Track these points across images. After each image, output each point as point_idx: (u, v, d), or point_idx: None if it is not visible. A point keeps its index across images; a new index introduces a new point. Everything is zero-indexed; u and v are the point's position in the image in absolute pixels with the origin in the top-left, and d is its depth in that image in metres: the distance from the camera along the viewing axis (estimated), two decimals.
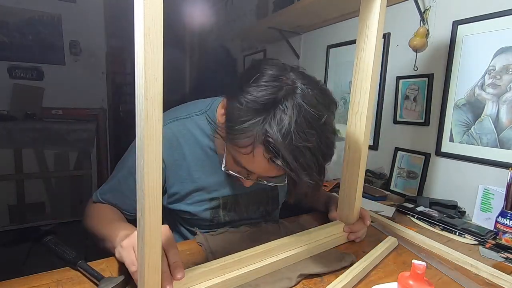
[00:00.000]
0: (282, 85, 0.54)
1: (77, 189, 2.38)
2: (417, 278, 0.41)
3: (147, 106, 0.40)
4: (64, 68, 2.49)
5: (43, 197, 2.28)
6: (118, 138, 2.92)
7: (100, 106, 2.67)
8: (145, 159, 0.41)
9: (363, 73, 0.69)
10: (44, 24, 2.38)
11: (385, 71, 1.37)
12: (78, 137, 2.32)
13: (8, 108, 2.31)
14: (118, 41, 2.74)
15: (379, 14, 0.65)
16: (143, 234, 0.43)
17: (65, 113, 2.50)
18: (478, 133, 1.03)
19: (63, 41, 2.46)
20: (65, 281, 0.54)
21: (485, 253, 0.75)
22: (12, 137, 2.11)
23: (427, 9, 1.18)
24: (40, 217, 2.27)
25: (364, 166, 0.73)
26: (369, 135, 0.73)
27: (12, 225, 2.17)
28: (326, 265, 0.62)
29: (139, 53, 0.39)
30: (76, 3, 2.45)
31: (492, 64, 0.99)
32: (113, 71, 2.83)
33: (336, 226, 0.78)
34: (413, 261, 0.41)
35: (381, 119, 1.40)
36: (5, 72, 2.31)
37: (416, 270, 0.41)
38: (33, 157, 2.21)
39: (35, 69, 2.40)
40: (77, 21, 2.47)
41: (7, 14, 2.26)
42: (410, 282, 0.41)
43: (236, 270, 0.56)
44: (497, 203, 0.92)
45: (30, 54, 2.37)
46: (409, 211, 0.99)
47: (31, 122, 2.28)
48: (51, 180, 2.30)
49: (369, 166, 1.40)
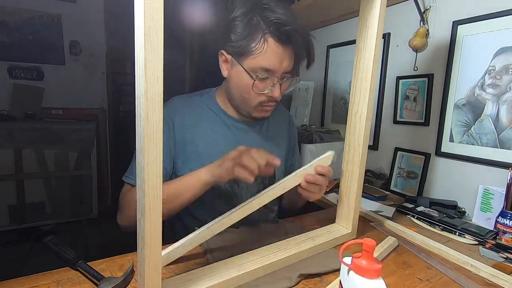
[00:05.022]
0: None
1: (77, 189, 2.38)
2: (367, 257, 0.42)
3: (147, 106, 0.40)
4: (64, 68, 2.49)
5: (43, 197, 2.28)
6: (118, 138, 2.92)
7: (100, 106, 2.67)
8: (145, 159, 0.41)
9: (363, 73, 0.69)
10: (44, 24, 2.38)
11: (385, 71, 1.37)
12: (78, 137, 2.31)
13: (8, 108, 2.31)
14: (118, 41, 2.73)
15: (379, 14, 0.65)
16: (143, 234, 0.43)
17: (65, 113, 2.50)
18: (478, 133, 1.03)
19: (63, 41, 2.46)
20: (65, 281, 0.54)
21: (485, 253, 0.75)
22: (12, 137, 2.11)
23: (427, 9, 1.18)
24: (40, 217, 2.26)
25: (364, 166, 0.73)
26: (369, 135, 0.73)
27: (12, 225, 2.17)
28: (326, 265, 0.62)
29: (139, 53, 0.39)
30: (76, 3, 2.45)
31: (492, 64, 0.99)
32: (113, 71, 2.82)
33: (336, 226, 0.78)
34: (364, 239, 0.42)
35: (381, 119, 1.40)
36: (5, 72, 2.31)
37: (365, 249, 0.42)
38: (33, 157, 2.21)
39: (35, 69, 2.40)
40: (77, 21, 2.47)
41: (7, 14, 2.26)
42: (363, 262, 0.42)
43: (236, 270, 0.56)
44: (497, 203, 0.92)
45: (30, 54, 2.36)
46: (409, 211, 0.99)
47: (31, 122, 2.27)
48: (51, 180, 2.30)
49: (369, 166, 1.40)
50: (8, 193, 2.15)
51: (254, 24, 0.69)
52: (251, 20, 0.69)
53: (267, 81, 0.73)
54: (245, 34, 0.69)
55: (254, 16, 0.69)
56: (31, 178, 2.22)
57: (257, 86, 0.73)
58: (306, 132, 1.47)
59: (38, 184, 2.26)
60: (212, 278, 0.53)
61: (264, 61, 0.70)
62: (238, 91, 0.77)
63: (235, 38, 0.71)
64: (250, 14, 0.69)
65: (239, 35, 0.70)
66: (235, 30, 0.71)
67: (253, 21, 0.69)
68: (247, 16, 0.69)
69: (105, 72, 2.67)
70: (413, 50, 1.23)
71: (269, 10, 0.69)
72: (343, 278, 0.45)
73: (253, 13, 0.69)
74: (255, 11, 0.69)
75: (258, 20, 0.69)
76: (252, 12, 0.70)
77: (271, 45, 0.69)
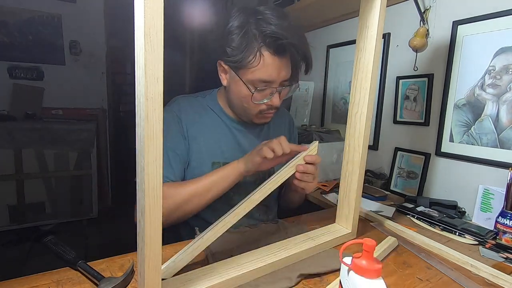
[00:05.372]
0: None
1: (77, 189, 2.38)
2: (367, 257, 0.42)
3: (147, 106, 0.40)
4: (64, 68, 2.49)
5: (43, 197, 2.28)
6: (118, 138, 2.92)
7: (100, 106, 2.67)
8: (145, 159, 0.41)
9: (363, 73, 0.69)
10: (44, 24, 2.38)
11: (385, 71, 1.37)
12: (78, 137, 2.31)
13: (8, 108, 2.31)
14: (118, 41, 2.73)
15: (379, 14, 0.65)
16: (143, 234, 0.43)
17: (65, 113, 2.50)
18: (478, 133, 1.03)
19: (63, 41, 2.46)
20: (65, 281, 0.54)
21: (485, 253, 0.75)
22: (12, 137, 2.11)
23: (427, 9, 1.18)
24: (40, 217, 2.26)
25: (364, 166, 0.73)
26: (369, 135, 0.73)
27: (12, 225, 2.17)
28: (326, 265, 0.62)
29: (139, 53, 0.39)
30: (76, 3, 2.45)
31: (492, 64, 0.99)
32: (113, 71, 2.83)
33: (336, 226, 0.78)
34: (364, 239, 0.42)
35: (381, 119, 1.40)
36: (5, 72, 2.31)
37: (365, 249, 0.42)
38: (33, 157, 2.21)
39: (35, 69, 2.40)
40: (77, 21, 2.47)
41: (7, 14, 2.26)
42: (363, 262, 0.42)
43: (236, 270, 0.56)
44: (497, 203, 0.92)
45: (30, 54, 2.36)
46: (409, 211, 0.99)
47: (31, 122, 2.27)
48: (51, 180, 2.29)
49: (369, 166, 1.40)
50: (8, 193, 2.15)
51: (249, 38, 0.69)
52: (246, 33, 0.69)
53: (266, 91, 0.74)
54: (241, 48, 0.70)
55: (249, 29, 0.69)
56: (31, 178, 2.22)
57: (255, 97, 0.74)
58: (306, 132, 1.47)
59: (38, 184, 2.26)
60: (212, 278, 0.53)
61: (262, 73, 0.71)
62: (238, 101, 0.79)
63: (231, 53, 0.71)
64: (245, 26, 0.70)
65: (235, 50, 0.71)
66: (231, 44, 0.71)
67: (248, 34, 0.69)
68: (242, 29, 0.70)
69: (105, 72, 2.67)
70: (413, 50, 1.23)
71: (264, 21, 0.69)
72: (343, 278, 0.45)
73: (248, 25, 0.70)
74: (250, 24, 0.70)
75: (253, 34, 0.69)
76: (247, 25, 0.70)
77: (267, 58, 0.70)
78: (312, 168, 0.71)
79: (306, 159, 0.70)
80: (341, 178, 0.77)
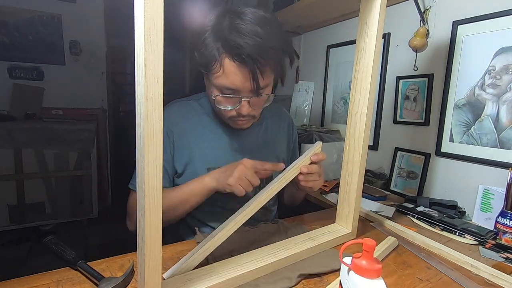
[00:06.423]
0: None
1: (77, 189, 2.38)
2: (367, 257, 0.42)
3: (147, 106, 0.40)
4: (64, 68, 2.49)
5: (43, 197, 2.28)
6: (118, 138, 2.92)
7: (100, 106, 2.67)
8: (145, 159, 0.41)
9: (363, 74, 0.69)
10: (44, 24, 2.38)
11: (385, 71, 1.37)
12: (78, 137, 2.31)
13: (8, 108, 2.31)
14: (118, 41, 2.74)
15: (379, 14, 0.65)
16: (143, 234, 0.43)
17: (65, 113, 2.50)
18: (478, 133, 1.03)
19: (63, 41, 2.46)
20: (65, 281, 0.54)
21: (485, 253, 0.75)
22: (12, 137, 2.11)
23: (427, 9, 1.18)
24: (40, 217, 2.26)
25: (364, 166, 0.73)
26: (369, 135, 0.73)
27: (12, 225, 2.17)
28: (326, 265, 0.62)
29: (139, 53, 0.39)
30: (76, 3, 2.45)
31: (492, 64, 0.99)
32: (113, 71, 2.83)
33: (336, 226, 0.78)
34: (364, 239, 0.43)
35: (381, 119, 1.40)
36: (5, 72, 2.31)
37: (365, 249, 0.42)
38: (33, 157, 2.21)
39: (35, 69, 2.40)
40: (77, 21, 2.47)
41: (7, 14, 2.26)
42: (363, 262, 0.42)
43: (236, 270, 0.56)
44: (497, 203, 0.92)
45: (30, 54, 2.36)
46: (409, 211, 0.99)
47: (31, 122, 2.27)
48: (51, 180, 2.29)
49: (369, 166, 1.40)
50: (8, 193, 2.15)
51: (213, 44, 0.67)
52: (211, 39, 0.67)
53: (234, 98, 0.71)
54: (206, 53, 0.68)
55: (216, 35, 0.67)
56: (31, 178, 2.22)
57: (218, 101, 0.73)
58: (306, 132, 1.47)
59: (38, 184, 2.26)
60: (212, 278, 0.53)
61: (223, 80, 0.69)
62: (212, 104, 0.80)
63: (197, 55, 0.71)
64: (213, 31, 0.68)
65: (200, 53, 0.70)
66: (199, 47, 0.70)
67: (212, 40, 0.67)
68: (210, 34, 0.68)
69: (105, 72, 2.67)
70: (413, 50, 1.23)
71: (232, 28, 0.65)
72: (343, 278, 0.45)
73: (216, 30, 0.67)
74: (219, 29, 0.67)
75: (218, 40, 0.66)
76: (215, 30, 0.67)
77: (228, 66, 0.67)
78: (316, 167, 0.71)
79: (312, 158, 0.71)
80: (341, 178, 0.77)
